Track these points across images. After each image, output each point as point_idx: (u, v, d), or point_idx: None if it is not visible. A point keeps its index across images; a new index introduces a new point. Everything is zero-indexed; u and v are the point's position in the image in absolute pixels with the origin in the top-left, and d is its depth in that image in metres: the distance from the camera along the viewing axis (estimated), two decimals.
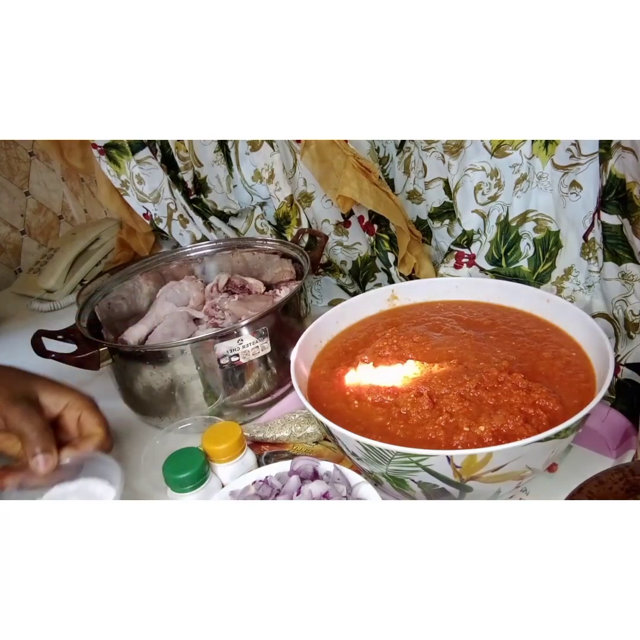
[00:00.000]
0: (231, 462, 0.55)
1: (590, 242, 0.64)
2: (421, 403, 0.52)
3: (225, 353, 0.65)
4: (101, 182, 0.97)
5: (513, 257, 0.70)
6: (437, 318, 0.66)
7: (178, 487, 0.53)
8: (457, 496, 0.50)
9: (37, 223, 1.30)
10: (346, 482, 0.51)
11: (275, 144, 0.86)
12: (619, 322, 0.62)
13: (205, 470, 0.53)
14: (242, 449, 0.56)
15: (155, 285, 0.88)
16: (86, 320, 0.75)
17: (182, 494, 0.53)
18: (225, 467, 0.56)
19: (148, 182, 0.93)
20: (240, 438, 0.56)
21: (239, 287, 0.86)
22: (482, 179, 0.70)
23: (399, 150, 0.79)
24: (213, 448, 0.55)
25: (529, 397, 0.51)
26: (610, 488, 0.40)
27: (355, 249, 0.89)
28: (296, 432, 0.64)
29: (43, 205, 1.31)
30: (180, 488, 0.53)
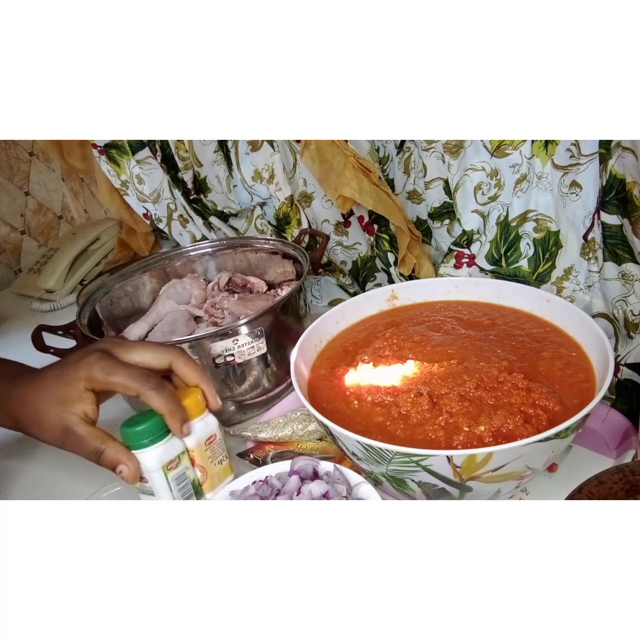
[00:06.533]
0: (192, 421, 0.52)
1: (590, 242, 0.64)
2: (421, 403, 0.52)
3: (221, 353, 0.65)
4: (101, 182, 0.97)
5: (513, 257, 0.70)
6: (437, 318, 0.66)
7: (135, 441, 0.49)
8: (457, 496, 0.50)
9: (37, 223, 1.30)
10: (346, 482, 0.51)
11: (275, 144, 0.86)
12: (619, 322, 0.62)
13: (164, 424, 0.49)
14: (201, 410, 0.52)
15: (158, 282, 0.88)
16: (87, 317, 0.75)
17: (141, 450, 0.49)
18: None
19: (148, 182, 0.93)
20: (198, 399, 0.52)
21: (240, 286, 0.86)
22: (482, 179, 0.70)
23: (399, 150, 0.79)
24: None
25: (529, 397, 0.51)
26: (610, 488, 0.40)
27: (355, 249, 0.89)
28: (298, 430, 0.64)
29: (43, 205, 1.31)
30: (138, 442, 0.49)
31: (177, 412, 0.49)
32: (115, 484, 0.56)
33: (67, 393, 0.49)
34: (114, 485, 0.57)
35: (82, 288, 1.08)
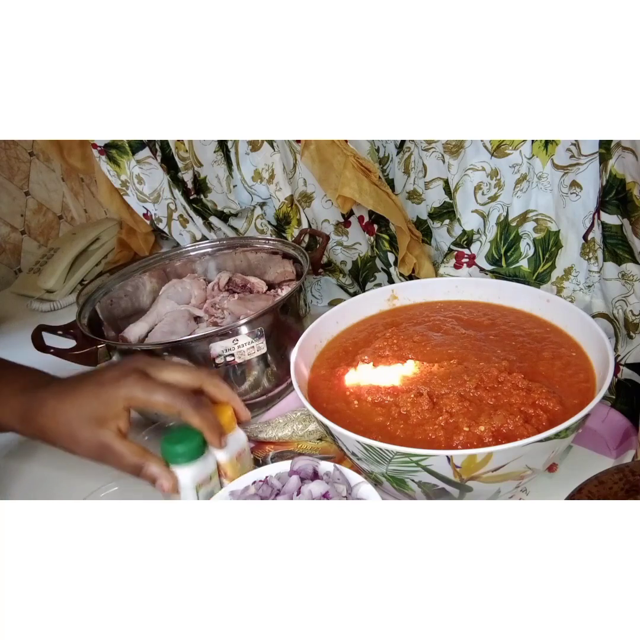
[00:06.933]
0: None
1: (590, 242, 0.64)
2: (421, 403, 0.52)
3: (220, 353, 0.65)
4: (101, 182, 0.97)
5: (513, 257, 0.70)
6: (437, 318, 0.66)
7: (175, 459, 0.51)
8: (457, 496, 0.50)
9: (37, 223, 1.30)
10: (346, 482, 0.51)
11: (275, 144, 0.86)
12: (619, 322, 0.62)
13: (201, 446, 0.52)
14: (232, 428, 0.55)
15: (159, 282, 0.88)
16: (87, 317, 0.75)
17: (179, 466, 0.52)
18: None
19: (148, 182, 0.92)
20: (230, 416, 0.54)
21: (240, 285, 0.86)
22: (482, 179, 0.70)
23: (399, 150, 0.79)
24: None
25: (529, 397, 0.51)
26: (610, 488, 0.40)
27: (355, 249, 0.89)
28: (298, 430, 0.64)
29: (43, 205, 1.31)
30: (177, 460, 0.51)
31: (216, 427, 0.52)
32: (112, 484, 0.57)
33: (106, 412, 0.51)
34: (112, 485, 0.57)
35: (82, 288, 1.08)
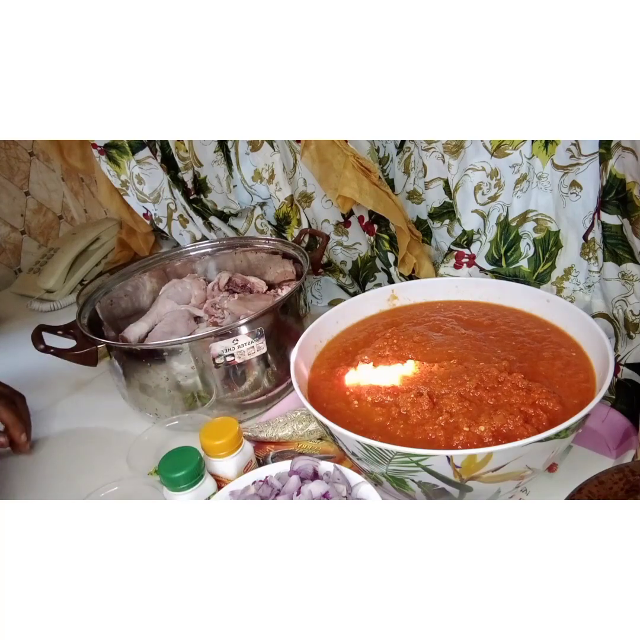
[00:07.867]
0: (231, 456, 0.56)
1: (590, 242, 0.64)
2: (421, 403, 0.52)
3: (221, 353, 0.65)
4: (101, 182, 0.97)
5: (513, 257, 0.70)
6: (437, 318, 0.66)
7: (173, 485, 0.53)
8: (457, 496, 0.50)
9: (37, 223, 1.30)
10: (346, 482, 0.51)
11: (275, 144, 0.86)
12: (619, 322, 0.62)
13: (200, 470, 0.54)
14: (240, 443, 0.57)
15: (158, 282, 0.88)
16: (87, 317, 0.75)
17: (177, 492, 0.53)
18: (226, 462, 0.56)
19: (148, 182, 0.93)
20: (238, 432, 0.56)
21: (240, 285, 0.86)
22: (482, 179, 0.70)
23: (399, 150, 0.79)
24: (212, 443, 0.55)
25: (529, 397, 0.51)
26: (610, 488, 0.40)
27: (355, 249, 0.89)
28: (298, 430, 0.64)
29: (43, 205, 1.31)
30: (175, 487, 0.53)
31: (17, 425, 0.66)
32: (112, 484, 0.57)
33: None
34: (112, 485, 0.58)
35: (82, 288, 1.08)
